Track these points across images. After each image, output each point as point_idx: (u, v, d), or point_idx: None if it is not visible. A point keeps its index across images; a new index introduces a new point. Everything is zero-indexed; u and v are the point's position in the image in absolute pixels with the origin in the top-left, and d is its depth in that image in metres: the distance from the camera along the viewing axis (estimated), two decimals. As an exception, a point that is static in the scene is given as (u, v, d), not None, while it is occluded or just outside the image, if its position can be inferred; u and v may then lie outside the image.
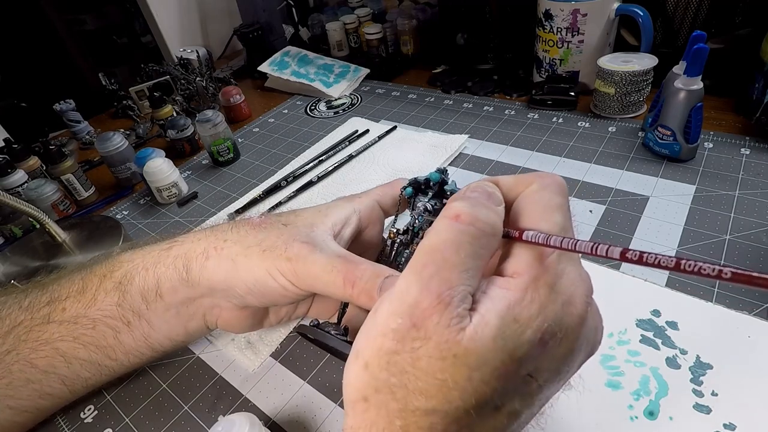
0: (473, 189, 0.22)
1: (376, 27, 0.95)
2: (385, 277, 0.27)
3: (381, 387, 0.19)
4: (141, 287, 0.33)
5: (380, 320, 0.19)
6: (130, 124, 0.90)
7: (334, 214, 0.33)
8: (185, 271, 0.32)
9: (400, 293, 0.19)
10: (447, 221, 0.20)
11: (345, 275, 0.28)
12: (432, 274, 0.19)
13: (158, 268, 0.33)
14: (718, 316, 0.36)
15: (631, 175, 0.53)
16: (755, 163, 0.51)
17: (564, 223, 0.21)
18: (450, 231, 0.20)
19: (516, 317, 0.19)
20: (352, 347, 0.21)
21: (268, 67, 0.94)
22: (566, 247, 0.19)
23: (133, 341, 0.34)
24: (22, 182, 0.65)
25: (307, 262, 0.29)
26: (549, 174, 0.23)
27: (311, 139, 0.74)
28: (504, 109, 0.72)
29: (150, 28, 1.19)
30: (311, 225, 0.32)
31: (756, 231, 0.43)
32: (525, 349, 0.19)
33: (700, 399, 0.31)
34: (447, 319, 0.18)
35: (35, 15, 1.72)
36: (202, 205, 0.63)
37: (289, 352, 0.40)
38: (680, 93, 0.49)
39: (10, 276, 0.51)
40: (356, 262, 0.29)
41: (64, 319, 0.33)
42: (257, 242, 0.31)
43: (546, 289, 0.20)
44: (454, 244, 0.19)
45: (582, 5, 0.63)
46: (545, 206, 0.21)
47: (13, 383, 0.33)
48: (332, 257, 0.29)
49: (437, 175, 0.31)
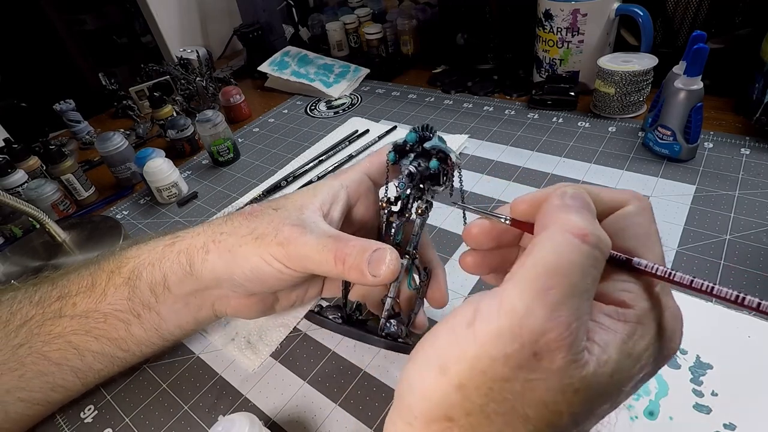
0: (573, 196, 0.20)
1: (376, 27, 0.95)
2: (373, 250, 0.28)
3: (475, 411, 0.17)
4: (149, 281, 0.34)
5: (486, 339, 0.17)
6: (130, 124, 0.90)
7: (321, 194, 0.33)
8: (189, 265, 0.33)
9: (515, 313, 0.17)
10: (572, 240, 0.18)
11: (335, 253, 0.28)
12: (559, 301, 0.17)
13: (164, 263, 0.33)
14: (718, 316, 0.36)
15: (631, 175, 0.53)
16: (755, 163, 0.51)
17: (662, 254, 0.20)
18: (577, 253, 0.18)
19: (629, 352, 0.18)
20: (427, 352, 0.19)
21: (268, 67, 0.94)
22: (684, 283, 0.18)
23: (144, 332, 0.35)
24: (22, 182, 0.65)
25: (298, 245, 0.29)
26: (640, 195, 0.21)
27: (311, 139, 0.74)
28: (504, 109, 0.72)
29: (150, 28, 1.19)
30: (300, 207, 0.32)
31: (756, 231, 0.43)
32: (630, 383, 0.18)
33: (700, 399, 0.31)
34: (573, 354, 0.17)
35: (35, 15, 1.72)
36: (202, 205, 0.63)
37: (289, 352, 0.40)
38: (680, 93, 0.49)
39: (10, 276, 0.51)
40: (345, 239, 0.29)
41: (75, 314, 0.34)
42: (250, 231, 0.31)
43: (654, 324, 0.19)
44: (581, 269, 0.17)
45: (582, 5, 0.63)
46: (648, 233, 0.20)
47: (26, 375, 0.34)
48: (322, 237, 0.29)
49: (413, 135, 0.31)
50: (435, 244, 0.47)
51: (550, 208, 0.20)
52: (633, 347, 0.18)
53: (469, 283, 0.43)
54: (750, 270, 0.39)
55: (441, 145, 0.31)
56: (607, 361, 0.17)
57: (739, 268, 0.40)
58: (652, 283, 0.20)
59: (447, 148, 0.31)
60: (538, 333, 0.16)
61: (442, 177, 0.33)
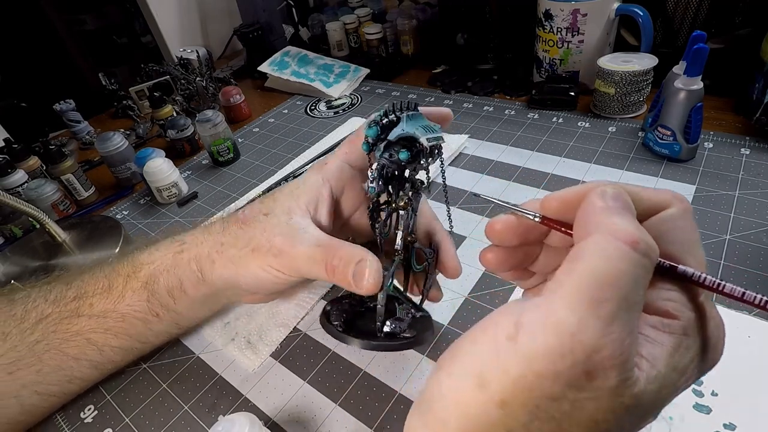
0: (615, 197, 0.19)
1: (376, 27, 0.95)
2: (356, 262, 0.29)
3: (517, 429, 0.16)
4: (167, 286, 0.36)
5: (532, 355, 0.16)
6: (130, 124, 0.90)
7: (305, 194, 0.34)
8: (200, 272, 0.35)
9: (565, 328, 0.16)
10: (623, 247, 0.16)
11: (326, 264, 0.30)
12: (613, 315, 0.16)
13: (178, 270, 0.36)
14: (718, 316, 0.36)
15: (631, 175, 0.53)
16: (755, 163, 0.51)
17: (704, 260, 0.19)
18: (629, 262, 0.16)
19: (675, 365, 0.17)
20: (463, 361, 0.17)
21: (268, 67, 0.94)
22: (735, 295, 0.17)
23: (163, 326, 0.38)
24: (22, 182, 0.65)
25: (291, 257, 0.31)
26: (681, 196, 0.20)
27: (311, 139, 0.74)
28: (504, 109, 0.72)
29: (150, 28, 1.19)
30: (288, 211, 0.33)
31: (756, 231, 0.43)
32: (674, 395, 0.18)
33: (700, 399, 0.31)
34: (626, 372, 0.16)
35: (35, 15, 1.72)
36: (202, 205, 0.63)
37: (289, 352, 0.40)
38: (680, 93, 0.49)
39: (10, 276, 0.51)
40: (334, 248, 0.30)
41: (93, 314, 0.36)
42: (246, 243, 0.33)
43: (699, 336, 0.18)
44: (634, 279, 0.16)
45: (582, 5, 0.63)
46: (691, 238, 0.19)
47: (43, 370, 0.35)
48: (312, 248, 0.31)
49: (373, 130, 0.29)
50: (435, 244, 0.47)
51: (593, 210, 0.18)
52: (679, 360, 0.17)
53: (468, 283, 0.43)
54: (750, 270, 0.39)
55: (408, 132, 0.28)
56: (656, 376, 0.17)
57: (739, 268, 0.40)
58: (697, 292, 0.19)
59: (419, 131, 0.28)
60: (591, 350, 0.15)
61: (419, 164, 0.30)
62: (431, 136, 0.29)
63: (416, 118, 0.30)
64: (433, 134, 0.29)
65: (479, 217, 0.51)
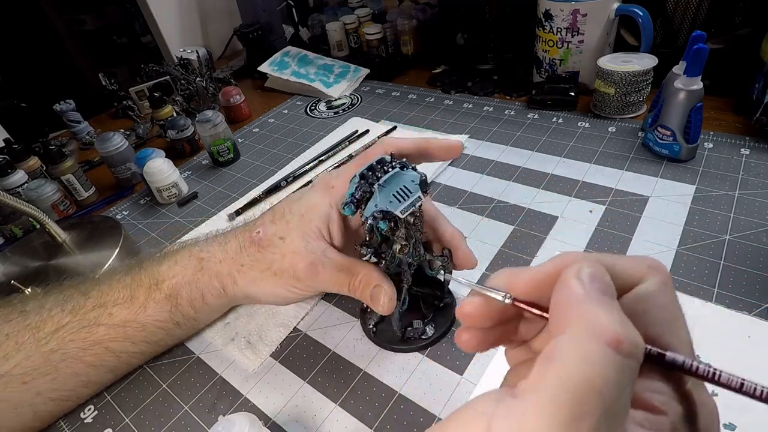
0: (593, 278, 0.17)
1: (376, 27, 0.95)
2: (373, 287, 0.34)
3: None
4: (189, 299, 0.39)
5: None
6: (130, 125, 0.90)
7: (316, 218, 0.36)
8: (222, 288, 0.39)
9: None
10: (605, 350, 0.14)
11: (349, 285, 0.35)
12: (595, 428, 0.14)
13: (200, 284, 0.39)
14: (718, 316, 0.36)
15: (631, 175, 0.53)
16: (755, 163, 0.51)
17: (690, 339, 0.17)
18: (612, 367, 0.14)
19: None
20: None
21: (268, 68, 0.94)
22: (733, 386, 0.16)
23: (182, 332, 0.41)
24: (23, 182, 0.65)
25: (317, 281, 0.35)
26: (660, 264, 0.18)
27: (311, 139, 0.74)
28: (504, 109, 0.72)
29: (150, 28, 1.19)
30: (304, 236, 0.36)
31: (756, 231, 0.43)
32: None
33: (700, 399, 0.31)
34: None
35: (35, 15, 1.72)
36: (202, 205, 0.63)
37: (289, 352, 0.40)
38: (680, 93, 0.49)
39: (10, 276, 0.51)
40: (355, 272, 0.34)
41: (112, 323, 0.37)
42: (267, 266, 0.36)
43: (688, 428, 0.17)
44: (618, 386, 0.14)
45: (582, 5, 0.63)
46: (673, 317, 0.17)
47: (59, 378, 0.36)
48: (335, 272, 0.35)
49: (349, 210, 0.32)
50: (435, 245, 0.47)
51: (569, 295, 0.16)
52: None
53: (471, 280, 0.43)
54: (750, 270, 0.39)
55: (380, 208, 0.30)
56: None
57: (739, 268, 0.40)
58: (685, 379, 0.17)
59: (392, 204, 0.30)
60: None
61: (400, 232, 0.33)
62: (405, 205, 0.31)
63: (392, 182, 0.31)
64: (407, 201, 0.31)
65: (479, 217, 0.51)
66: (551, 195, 0.52)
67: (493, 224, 0.49)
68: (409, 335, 0.38)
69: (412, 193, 0.31)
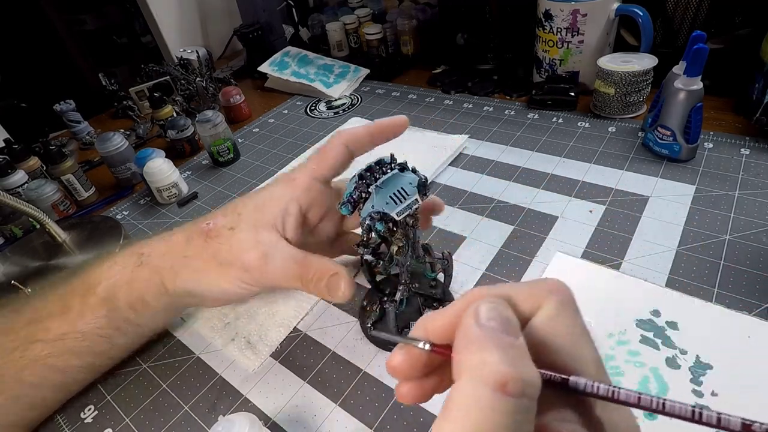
0: (490, 316, 0.16)
1: (376, 27, 0.95)
2: (330, 275, 0.32)
3: None
4: (127, 300, 0.35)
5: None
6: (130, 125, 0.90)
7: (270, 209, 0.34)
8: (162, 285, 0.35)
9: None
10: (491, 396, 0.14)
11: (302, 278, 0.33)
12: None
13: (139, 283, 0.35)
14: (718, 316, 0.36)
15: (631, 175, 0.53)
16: (755, 163, 0.51)
17: (596, 355, 0.17)
18: (501, 412, 0.14)
19: None
20: None
21: (268, 68, 0.94)
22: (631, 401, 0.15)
23: (127, 339, 0.38)
24: (23, 182, 0.65)
25: (265, 272, 0.33)
26: (558, 285, 0.18)
27: (311, 139, 0.74)
28: (504, 109, 0.72)
29: (150, 28, 1.19)
30: (254, 227, 0.34)
31: (756, 231, 0.43)
32: None
33: (700, 399, 0.31)
34: None
35: (35, 15, 1.72)
36: (202, 205, 0.63)
37: (289, 352, 0.40)
38: (680, 93, 0.49)
39: (10, 276, 0.51)
40: (308, 264, 0.33)
41: (50, 338, 0.34)
42: (212, 256, 0.34)
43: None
44: (511, 427, 0.14)
45: (582, 5, 0.63)
46: (573, 337, 0.17)
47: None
48: (286, 263, 0.33)
49: (346, 209, 0.32)
50: (434, 244, 0.47)
51: (463, 339, 0.16)
52: None
53: (469, 283, 0.43)
54: (750, 270, 0.39)
55: (377, 209, 0.31)
56: None
57: (739, 268, 0.40)
58: (589, 404, 0.17)
59: (389, 205, 0.31)
60: None
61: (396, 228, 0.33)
62: (401, 207, 0.31)
63: (390, 183, 0.31)
64: (403, 204, 0.31)
65: (479, 217, 0.51)
66: (551, 195, 0.52)
67: (493, 224, 0.49)
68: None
69: (410, 196, 0.31)
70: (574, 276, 0.41)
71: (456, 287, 0.43)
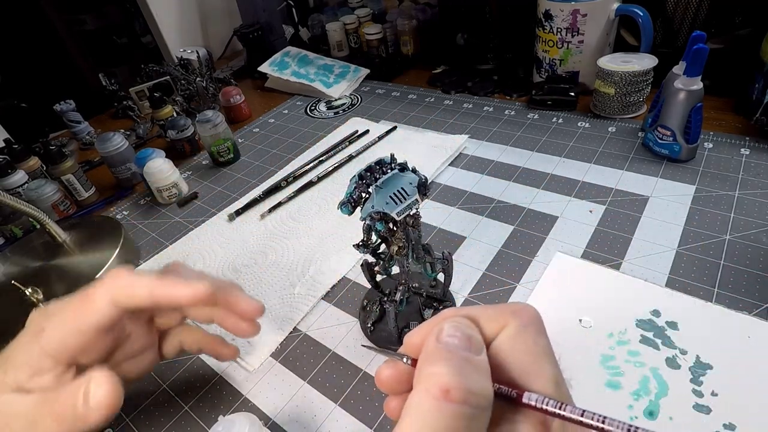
0: (451, 333, 0.18)
1: (376, 27, 0.95)
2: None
3: None
4: None
5: None
6: (131, 125, 0.90)
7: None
8: None
9: None
10: (432, 401, 0.15)
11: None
12: None
13: None
14: (718, 316, 0.36)
15: (631, 175, 0.53)
16: (755, 163, 0.51)
17: (556, 373, 0.18)
18: (440, 416, 0.15)
19: None
20: None
21: (268, 68, 0.94)
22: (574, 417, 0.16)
23: None
24: (23, 182, 0.65)
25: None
26: (523, 307, 0.19)
27: (311, 139, 0.74)
28: (504, 109, 0.72)
29: (150, 29, 1.19)
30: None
31: (756, 231, 0.43)
32: None
33: (700, 399, 0.31)
34: None
35: (35, 15, 1.72)
36: (202, 205, 0.63)
37: (289, 352, 0.40)
38: (680, 93, 0.49)
39: (10, 276, 0.51)
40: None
41: None
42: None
43: None
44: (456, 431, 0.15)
45: (582, 5, 0.63)
46: (533, 355, 0.18)
47: None
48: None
49: (346, 210, 0.31)
50: (434, 244, 0.47)
51: (424, 354, 0.18)
52: None
53: (469, 283, 0.43)
54: (750, 270, 0.39)
55: (377, 209, 0.30)
56: None
57: (739, 268, 0.40)
58: (546, 421, 0.17)
59: (389, 205, 0.31)
60: None
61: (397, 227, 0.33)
62: (401, 207, 0.31)
63: (390, 183, 0.31)
64: (403, 204, 0.31)
65: (479, 217, 0.51)
66: (551, 195, 0.52)
67: (493, 224, 0.49)
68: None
69: (410, 196, 0.31)
70: (574, 276, 0.41)
71: (456, 287, 0.43)
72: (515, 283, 0.42)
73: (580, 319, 0.37)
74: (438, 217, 0.52)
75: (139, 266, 0.53)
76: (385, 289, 0.39)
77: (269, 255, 0.51)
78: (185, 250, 0.54)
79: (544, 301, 0.39)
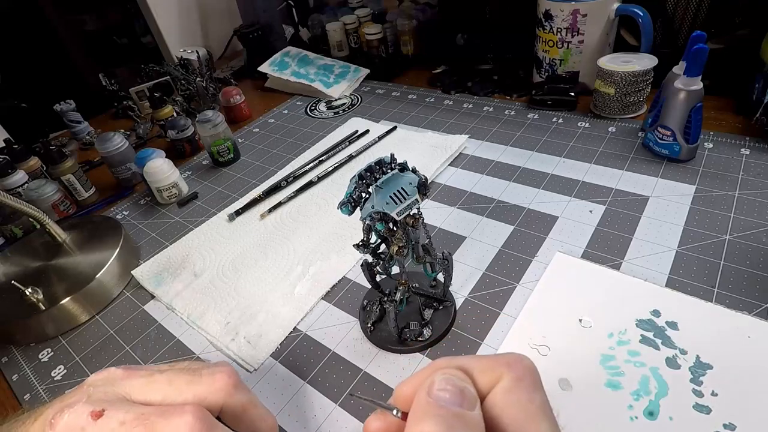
0: (442, 387, 0.17)
1: (376, 27, 0.95)
2: None
3: None
4: None
5: None
6: (131, 125, 0.90)
7: None
8: None
9: None
10: None
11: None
12: None
13: None
14: (718, 316, 0.36)
15: (631, 175, 0.53)
16: (755, 163, 0.51)
17: (552, 429, 0.18)
18: None
19: None
20: None
21: (268, 68, 0.94)
22: None
23: None
24: (23, 183, 0.65)
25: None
26: (518, 359, 0.19)
27: (311, 139, 0.74)
28: (504, 109, 0.72)
29: (150, 29, 1.19)
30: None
31: (756, 231, 0.43)
32: None
33: (700, 399, 0.31)
34: None
35: (35, 15, 1.72)
36: (203, 205, 0.63)
37: (289, 352, 0.40)
38: (680, 93, 0.49)
39: (11, 276, 0.51)
40: None
41: None
42: None
43: None
44: None
45: (582, 5, 0.63)
46: (528, 413, 0.17)
47: None
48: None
49: (346, 210, 0.31)
50: (435, 244, 0.47)
51: (413, 408, 0.17)
52: None
53: (469, 283, 0.43)
54: (750, 270, 0.39)
55: (377, 209, 0.30)
56: None
57: (739, 268, 0.40)
58: None
59: (389, 205, 0.31)
60: None
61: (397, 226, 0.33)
62: (401, 207, 0.31)
63: (390, 183, 0.31)
64: (403, 204, 0.31)
65: (479, 217, 0.51)
66: (551, 195, 0.52)
67: (493, 224, 0.49)
68: (406, 336, 0.38)
69: (410, 196, 0.31)
70: (574, 276, 0.41)
71: (456, 287, 0.43)
72: (515, 283, 0.42)
73: (580, 319, 0.37)
74: (438, 217, 0.52)
75: (139, 266, 0.53)
76: (385, 289, 0.39)
77: (269, 255, 0.51)
78: (185, 250, 0.55)
79: (544, 301, 0.39)
